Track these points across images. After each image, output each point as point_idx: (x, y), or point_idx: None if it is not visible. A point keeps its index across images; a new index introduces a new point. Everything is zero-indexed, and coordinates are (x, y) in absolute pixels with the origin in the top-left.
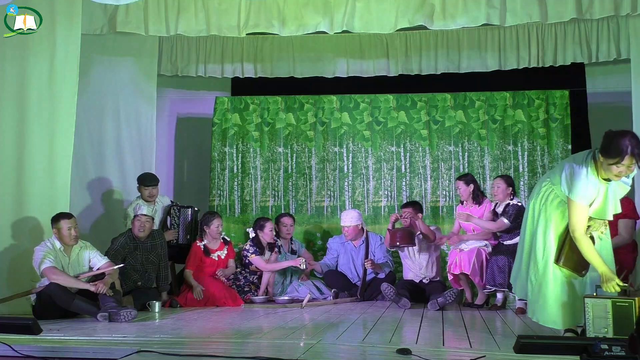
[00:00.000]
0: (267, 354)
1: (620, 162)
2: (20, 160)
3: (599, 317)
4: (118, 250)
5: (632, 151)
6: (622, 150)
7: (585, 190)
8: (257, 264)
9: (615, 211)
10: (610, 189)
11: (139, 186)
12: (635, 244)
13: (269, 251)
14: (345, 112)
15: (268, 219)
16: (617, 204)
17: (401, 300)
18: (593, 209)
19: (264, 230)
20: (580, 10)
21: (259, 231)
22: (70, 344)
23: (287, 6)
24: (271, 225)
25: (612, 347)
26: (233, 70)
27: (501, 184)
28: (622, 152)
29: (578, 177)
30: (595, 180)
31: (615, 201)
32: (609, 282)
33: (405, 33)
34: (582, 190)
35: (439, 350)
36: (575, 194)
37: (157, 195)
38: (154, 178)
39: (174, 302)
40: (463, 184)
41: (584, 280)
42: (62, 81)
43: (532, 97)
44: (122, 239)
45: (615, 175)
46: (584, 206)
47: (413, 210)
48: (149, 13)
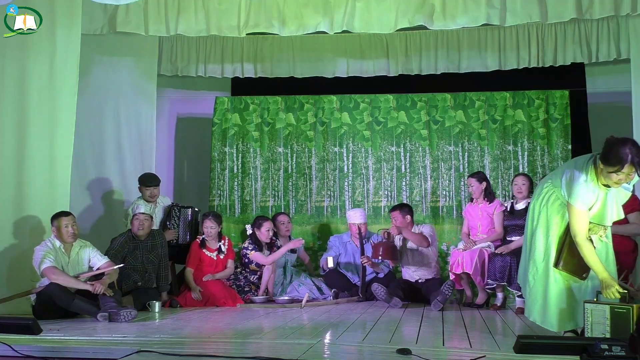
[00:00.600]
0: (267, 354)
1: (620, 170)
2: (20, 160)
3: (597, 323)
4: (118, 250)
5: (632, 160)
6: (622, 158)
7: (585, 195)
8: (257, 259)
9: (617, 217)
10: (609, 195)
11: (140, 186)
12: (636, 244)
13: (267, 250)
14: (345, 112)
15: (268, 219)
16: (619, 210)
17: (392, 300)
18: (592, 213)
19: (261, 230)
20: (580, 10)
21: (257, 229)
22: (70, 344)
23: (287, 6)
24: (269, 225)
25: (612, 347)
26: (233, 70)
27: (526, 182)
28: (623, 160)
29: (577, 182)
30: (595, 186)
31: (616, 207)
32: (609, 288)
33: (405, 33)
34: (581, 195)
35: (439, 350)
36: (575, 199)
37: (158, 195)
38: (155, 178)
39: (173, 302)
40: (476, 181)
41: (585, 285)
42: (62, 81)
43: (532, 97)
44: (121, 238)
45: (615, 183)
46: (583, 211)
47: (401, 214)
48: (149, 13)
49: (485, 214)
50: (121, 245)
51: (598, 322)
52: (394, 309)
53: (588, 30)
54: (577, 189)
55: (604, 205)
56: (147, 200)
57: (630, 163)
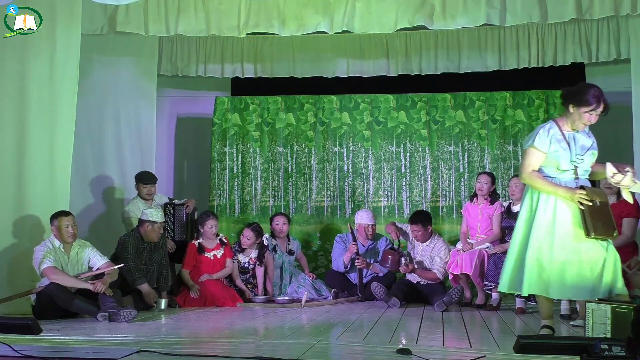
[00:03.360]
0: (267, 354)
1: (596, 109)
2: (20, 160)
3: (598, 323)
4: (129, 251)
5: (605, 99)
6: (598, 97)
7: (542, 137)
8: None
9: (590, 164)
10: (575, 137)
11: (137, 184)
12: (636, 245)
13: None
14: (345, 112)
15: (252, 224)
16: (593, 158)
17: (391, 300)
18: (559, 156)
19: (242, 239)
20: (580, 11)
21: (241, 237)
22: (70, 344)
23: (287, 6)
24: (249, 233)
25: (612, 347)
26: (233, 70)
27: (519, 183)
28: (599, 98)
29: (537, 129)
30: (555, 133)
31: (589, 155)
32: (573, 195)
33: (405, 33)
34: (539, 136)
35: (439, 350)
36: (532, 142)
37: (155, 193)
38: (152, 176)
39: (172, 302)
40: (490, 180)
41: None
42: (62, 81)
43: (532, 97)
44: (132, 240)
45: (585, 123)
46: (538, 152)
47: (422, 227)
48: (149, 13)
49: (485, 215)
50: (134, 247)
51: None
52: (393, 309)
53: (588, 30)
54: (535, 132)
55: (571, 147)
56: (144, 198)
57: (603, 102)
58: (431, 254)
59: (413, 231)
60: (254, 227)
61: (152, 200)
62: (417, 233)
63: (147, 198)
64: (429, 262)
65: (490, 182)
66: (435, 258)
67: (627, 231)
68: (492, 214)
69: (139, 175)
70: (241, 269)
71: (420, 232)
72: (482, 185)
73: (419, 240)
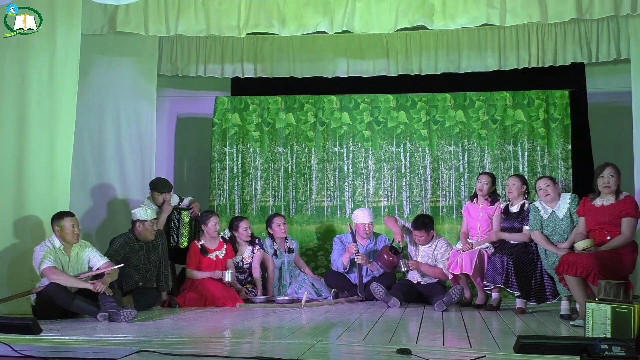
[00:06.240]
0: (267, 354)
1: None
2: (20, 160)
3: (598, 323)
4: (117, 251)
5: None
6: None
7: None
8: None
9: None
10: None
11: (151, 192)
12: (636, 245)
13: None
14: (345, 112)
15: (243, 218)
16: None
17: (390, 300)
18: None
19: (239, 230)
20: (580, 10)
21: (235, 232)
22: (70, 344)
23: (287, 6)
24: (246, 224)
25: (612, 347)
26: (233, 70)
27: (516, 182)
28: None
29: None
30: None
31: None
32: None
33: (405, 33)
34: None
35: (439, 350)
36: None
37: (170, 200)
38: (168, 184)
39: (172, 302)
40: (491, 180)
41: None
42: (62, 81)
43: (532, 97)
44: (121, 239)
45: None
46: None
47: (426, 233)
48: (149, 13)
49: (485, 215)
50: (121, 246)
51: (599, 322)
52: (393, 309)
53: (588, 30)
54: None
55: None
56: (158, 205)
57: None
58: (433, 254)
59: (416, 236)
60: (242, 218)
61: None
62: (419, 238)
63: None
64: (432, 264)
65: (490, 182)
66: (439, 257)
67: (626, 231)
68: (493, 214)
69: (154, 183)
70: (236, 269)
71: (424, 237)
72: (483, 186)
73: (421, 244)
